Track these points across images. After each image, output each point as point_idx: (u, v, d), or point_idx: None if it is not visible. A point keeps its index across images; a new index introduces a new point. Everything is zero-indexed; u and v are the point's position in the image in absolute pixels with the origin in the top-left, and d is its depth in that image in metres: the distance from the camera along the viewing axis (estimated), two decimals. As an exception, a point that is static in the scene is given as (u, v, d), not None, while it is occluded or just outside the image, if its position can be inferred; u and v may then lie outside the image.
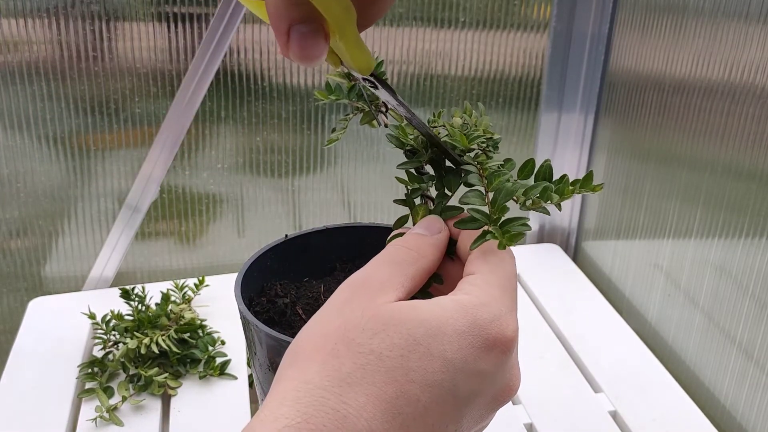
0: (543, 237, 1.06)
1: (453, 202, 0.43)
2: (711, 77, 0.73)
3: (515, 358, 0.37)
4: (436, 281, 0.41)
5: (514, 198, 0.39)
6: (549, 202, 0.39)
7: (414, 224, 0.42)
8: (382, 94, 0.40)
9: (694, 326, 0.78)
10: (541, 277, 0.94)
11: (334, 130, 0.47)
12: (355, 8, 0.34)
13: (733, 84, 0.70)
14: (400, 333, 0.33)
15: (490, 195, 0.39)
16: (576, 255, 1.04)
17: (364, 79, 0.39)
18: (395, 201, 0.44)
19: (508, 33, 0.92)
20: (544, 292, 0.91)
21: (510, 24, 0.92)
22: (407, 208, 0.44)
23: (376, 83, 0.39)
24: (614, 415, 0.72)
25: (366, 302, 0.35)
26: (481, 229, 0.38)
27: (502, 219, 0.38)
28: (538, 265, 0.97)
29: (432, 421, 0.33)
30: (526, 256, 0.99)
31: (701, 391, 0.77)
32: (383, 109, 0.47)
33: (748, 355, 0.71)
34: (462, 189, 0.42)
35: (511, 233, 0.37)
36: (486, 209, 0.39)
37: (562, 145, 0.99)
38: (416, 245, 0.39)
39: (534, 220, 1.06)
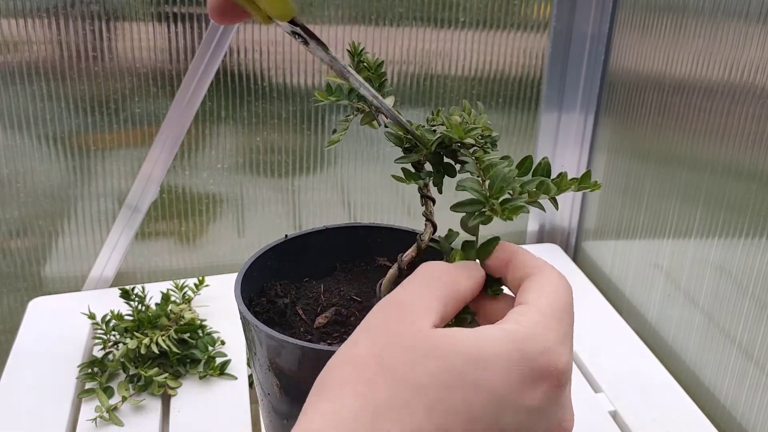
0: (543, 237, 1.06)
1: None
2: (711, 77, 0.73)
3: (568, 395, 0.35)
4: (469, 315, 0.39)
5: (510, 191, 0.39)
6: (546, 195, 0.39)
7: None
8: (316, 51, 0.40)
9: (694, 326, 0.79)
10: (541, 277, 0.94)
11: (335, 131, 0.47)
12: None
13: (733, 84, 0.70)
14: (443, 364, 0.31)
15: (487, 184, 0.39)
16: (576, 255, 1.04)
17: (292, 33, 0.38)
18: (431, 242, 0.43)
19: (508, 33, 0.92)
20: (544, 292, 0.90)
21: (510, 24, 0.92)
22: (443, 253, 0.42)
23: (304, 35, 0.38)
24: (614, 415, 0.72)
25: (402, 327, 0.33)
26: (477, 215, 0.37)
27: (501, 198, 0.37)
28: (538, 265, 0.97)
29: None
30: (526, 256, 0.99)
31: (701, 391, 0.77)
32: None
33: (748, 355, 0.71)
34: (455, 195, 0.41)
35: (510, 207, 0.36)
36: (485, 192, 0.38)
37: (562, 145, 0.99)
38: (448, 271, 0.37)
39: (534, 220, 1.06)
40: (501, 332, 0.32)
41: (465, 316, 0.38)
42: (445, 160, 0.45)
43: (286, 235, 0.56)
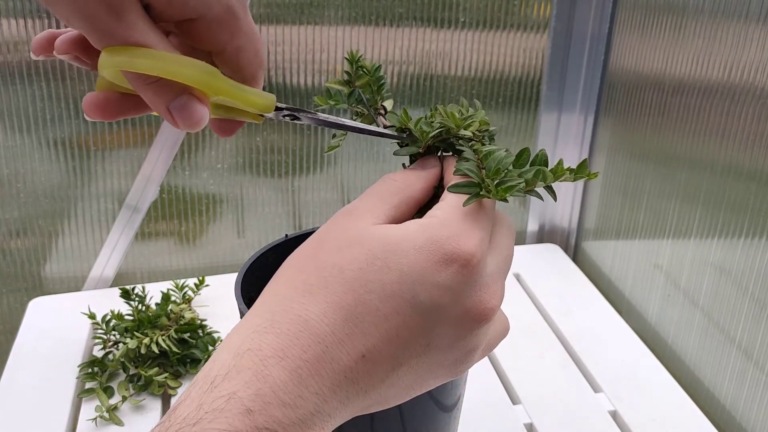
0: (543, 237, 1.06)
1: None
2: (711, 77, 0.73)
3: (490, 278, 0.37)
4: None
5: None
6: (543, 183, 0.39)
7: None
8: (310, 121, 0.42)
9: (694, 326, 0.79)
10: (541, 277, 0.94)
11: (334, 136, 0.47)
12: (220, 62, 0.38)
13: (732, 84, 0.70)
14: (361, 249, 0.36)
15: (485, 167, 0.40)
16: (576, 255, 1.04)
17: (284, 116, 0.41)
18: None
19: (508, 33, 0.92)
20: (544, 292, 0.91)
21: (510, 24, 0.92)
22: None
23: (292, 113, 0.41)
24: (614, 415, 0.72)
25: (340, 226, 0.38)
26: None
27: (497, 180, 0.38)
28: (538, 265, 0.97)
29: (395, 330, 0.35)
30: (526, 256, 0.99)
31: (701, 391, 0.77)
32: (382, 111, 0.47)
33: (748, 355, 0.71)
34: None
35: (504, 186, 0.38)
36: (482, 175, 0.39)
37: (562, 145, 0.99)
38: (403, 177, 0.41)
39: (534, 220, 1.06)
40: (415, 224, 0.37)
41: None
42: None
43: (287, 235, 0.56)
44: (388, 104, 0.47)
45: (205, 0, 0.35)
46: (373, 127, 0.44)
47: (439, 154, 0.44)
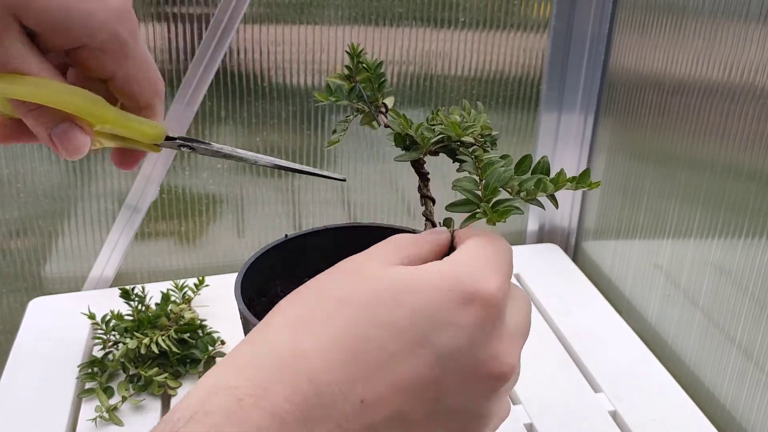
0: (543, 237, 1.06)
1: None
2: (711, 77, 0.73)
3: (507, 332, 0.35)
4: None
5: (509, 189, 0.39)
6: (544, 193, 0.39)
7: None
8: (204, 151, 0.42)
9: (694, 326, 0.79)
10: (541, 277, 0.94)
11: (334, 132, 0.47)
12: (114, 89, 0.38)
13: (732, 84, 0.70)
14: (372, 285, 0.33)
15: (482, 184, 0.39)
16: (576, 255, 1.04)
17: (178, 147, 0.41)
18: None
19: (508, 33, 0.92)
20: (544, 292, 0.91)
21: (510, 24, 0.92)
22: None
23: (187, 143, 0.41)
24: (614, 415, 0.72)
25: (349, 266, 0.35)
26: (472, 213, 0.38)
27: (494, 200, 0.38)
28: (538, 265, 0.97)
29: (402, 375, 0.31)
30: (526, 256, 0.99)
31: (701, 391, 0.77)
32: (383, 109, 0.47)
33: (748, 355, 0.71)
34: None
35: (500, 210, 0.37)
36: (479, 193, 0.39)
37: (562, 145, 0.99)
38: (414, 237, 0.39)
39: (534, 220, 1.06)
40: (434, 266, 0.34)
41: None
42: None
43: (286, 235, 0.56)
44: (389, 101, 0.47)
45: (89, 28, 0.35)
46: (284, 163, 0.44)
47: (451, 229, 0.42)
